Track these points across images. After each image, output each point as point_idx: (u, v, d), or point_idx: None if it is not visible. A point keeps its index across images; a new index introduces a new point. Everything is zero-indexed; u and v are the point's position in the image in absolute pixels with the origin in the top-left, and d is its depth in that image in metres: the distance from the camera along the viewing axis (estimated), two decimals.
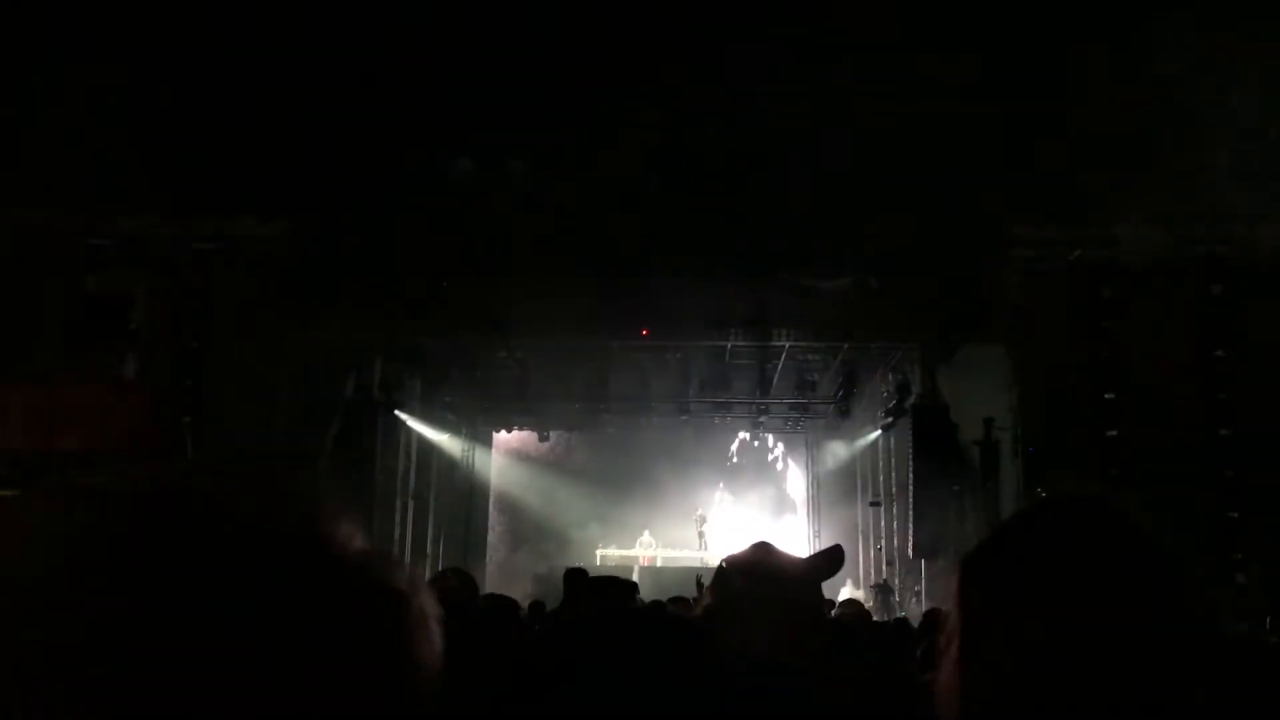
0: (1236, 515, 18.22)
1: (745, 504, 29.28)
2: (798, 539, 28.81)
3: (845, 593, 22.05)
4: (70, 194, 19.76)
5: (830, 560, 2.54)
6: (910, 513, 22.86)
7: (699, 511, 28.34)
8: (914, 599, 22.42)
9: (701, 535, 27.50)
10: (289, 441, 20.40)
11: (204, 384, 19.52)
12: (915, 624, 9.10)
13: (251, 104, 21.79)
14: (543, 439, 29.42)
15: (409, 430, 25.51)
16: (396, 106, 23.44)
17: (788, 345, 24.45)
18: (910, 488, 22.83)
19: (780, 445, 30.38)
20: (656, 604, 5.80)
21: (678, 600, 6.66)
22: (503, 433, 29.92)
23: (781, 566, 2.49)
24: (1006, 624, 1.24)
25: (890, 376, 25.04)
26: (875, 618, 17.78)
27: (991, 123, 21.62)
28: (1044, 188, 21.06)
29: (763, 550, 2.56)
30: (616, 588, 4.00)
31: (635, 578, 15.76)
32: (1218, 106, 19.11)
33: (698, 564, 24.13)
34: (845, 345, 24.22)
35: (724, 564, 2.55)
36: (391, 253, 21.88)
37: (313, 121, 21.67)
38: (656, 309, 22.05)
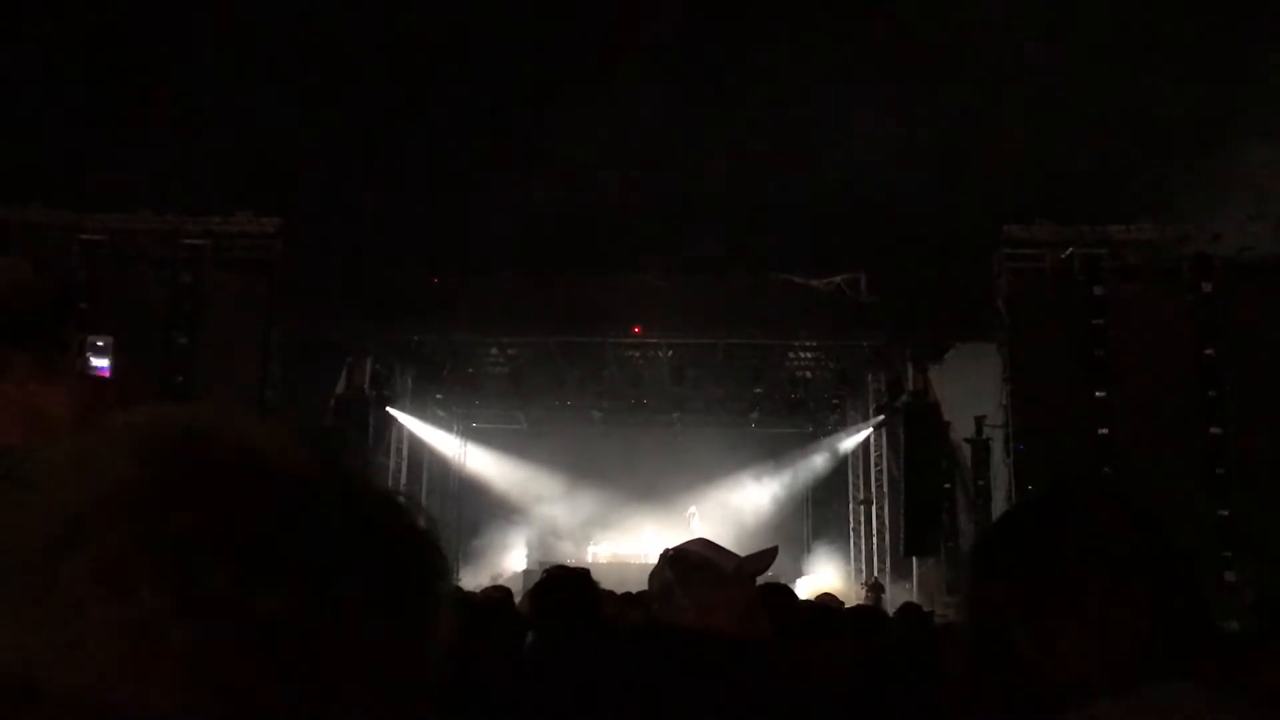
0: (1227, 513, 18.27)
1: (737, 501, 29.28)
2: (791, 536, 28.85)
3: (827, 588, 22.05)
4: (62, 189, 19.70)
5: (763, 558, 2.66)
6: (901, 510, 22.88)
7: (690, 509, 28.38)
8: (905, 596, 22.44)
9: (693, 533, 27.33)
10: None
11: (194, 380, 19.47)
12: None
13: (244, 102, 21.76)
14: (533, 436, 29.44)
15: (400, 427, 25.49)
16: (389, 106, 23.42)
17: (780, 344, 24.45)
18: (901, 486, 22.84)
19: (772, 443, 30.38)
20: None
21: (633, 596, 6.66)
22: (494, 429, 29.92)
23: (712, 559, 2.61)
24: (1023, 613, 1.25)
25: (882, 375, 25.07)
26: None
27: (984, 123, 21.67)
28: (1036, 187, 21.11)
29: (697, 544, 2.70)
30: (572, 585, 4.01)
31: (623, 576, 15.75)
32: (1208, 109, 19.17)
33: None
34: (837, 343, 24.23)
35: (662, 554, 2.69)
36: (383, 250, 21.87)
37: (306, 120, 21.64)
38: (650, 307, 22.05)
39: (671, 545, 2.74)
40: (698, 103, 23.28)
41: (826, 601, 7.32)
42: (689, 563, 2.60)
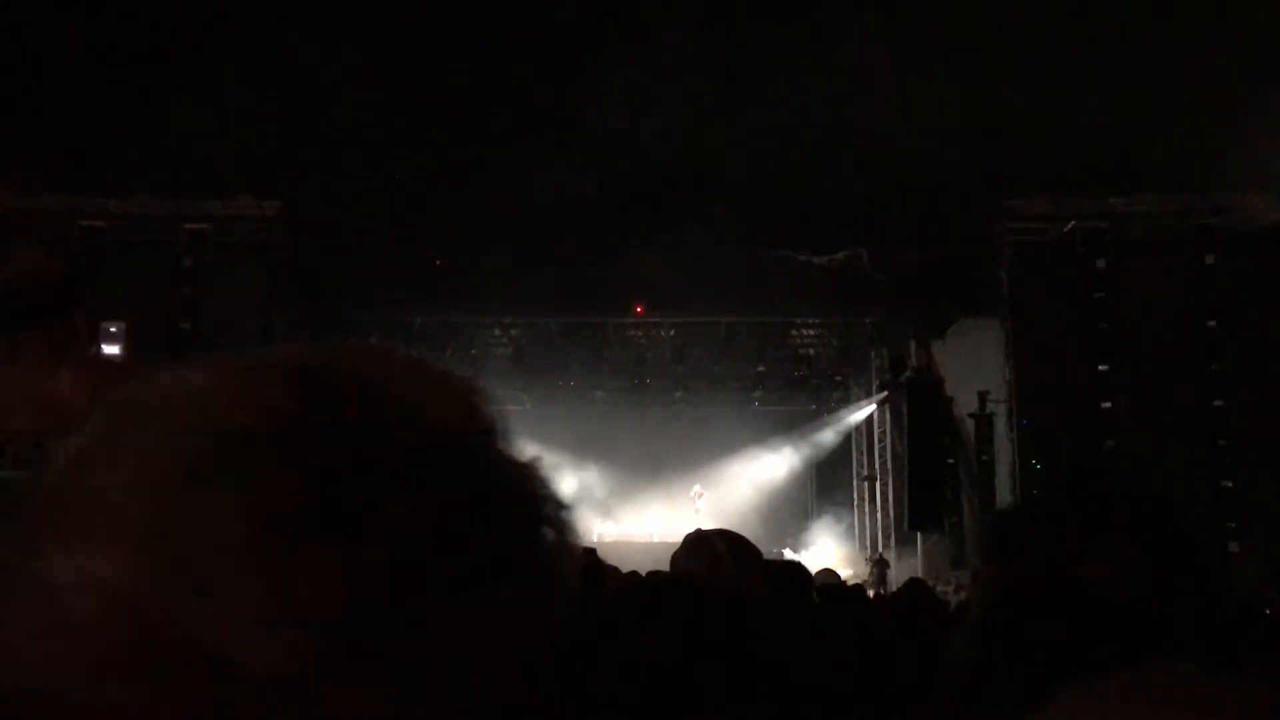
0: (1230, 485, 18.29)
1: (741, 480, 29.28)
2: (795, 513, 28.85)
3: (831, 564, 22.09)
4: (61, 174, 19.67)
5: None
6: (905, 486, 22.90)
7: (695, 487, 28.36)
8: (910, 571, 22.49)
9: (698, 512, 27.46)
10: None
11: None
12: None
13: (243, 86, 21.69)
14: (537, 417, 29.44)
15: None
16: (388, 87, 23.35)
17: (782, 321, 24.42)
18: (905, 461, 22.85)
19: (775, 421, 30.37)
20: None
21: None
22: (497, 410, 29.88)
23: (753, 543, 2.81)
24: (1029, 595, 1.25)
25: (884, 351, 25.05)
26: (871, 592, 17.92)
27: (986, 98, 21.59)
28: (1038, 161, 21.04)
29: (728, 530, 2.88)
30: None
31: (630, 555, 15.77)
32: (1209, 78, 19.08)
33: None
34: (839, 320, 24.21)
35: (698, 533, 2.78)
36: (384, 232, 21.85)
37: (304, 102, 21.58)
38: (651, 286, 22.03)
39: (688, 529, 2.83)
40: (698, 81, 23.21)
41: (827, 578, 7.34)
42: (738, 540, 2.76)
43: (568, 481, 29.03)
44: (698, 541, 2.72)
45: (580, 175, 22.39)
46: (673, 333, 24.97)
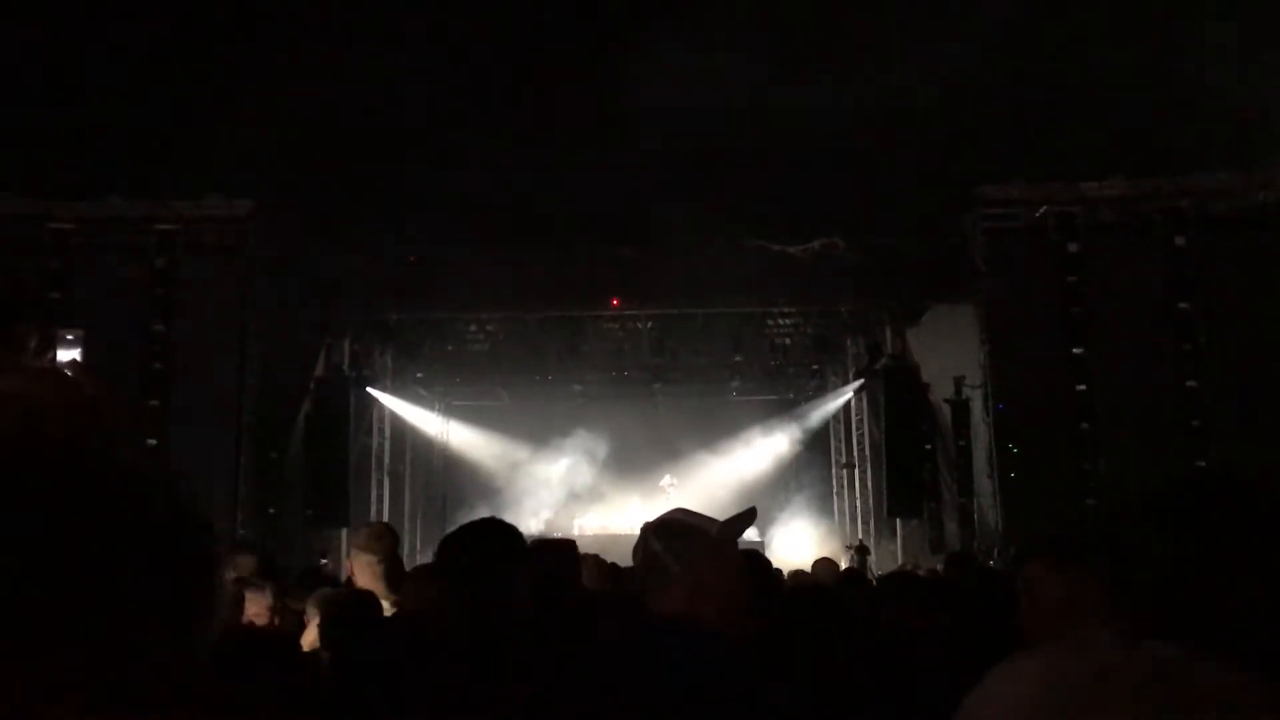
0: (1204, 465, 18.44)
1: (719, 470, 29.35)
2: (774, 502, 28.92)
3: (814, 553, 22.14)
4: (29, 178, 19.49)
5: (743, 520, 2.62)
6: (883, 473, 23.01)
7: (665, 478, 28.39)
8: (890, 557, 22.61)
9: (670, 502, 27.38)
10: (260, 422, 20.30)
11: (172, 367, 19.37)
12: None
13: (212, 85, 21.55)
14: (515, 411, 29.40)
15: (382, 406, 25.41)
16: (358, 83, 23.25)
17: (758, 311, 24.44)
18: (883, 448, 22.96)
19: (753, 411, 30.43)
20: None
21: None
22: (476, 405, 29.85)
23: (697, 526, 2.58)
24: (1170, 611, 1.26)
25: (860, 339, 25.14)
26: None
27: (957, 84, 21.66)
28: (1010, 147, 21.14)
29: (678, 512, 2.67)
30: (552, 553, 4.00)
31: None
32: (1176, 61, 19.21)
33: None
34: (815, 309, 24.26)
35: (644, 526, 2.65)
36: (358, 228, 21.76)
37: (274, 100, 21.43)
38: (627, 278, 22.01)
39: (651, 518, 2.70)
40: (670, 73, 23.19)
41: (825, 568, 7.32)
42: (673, 530, 2.57)
43: (548, 474, 29.06)
44: (640, 538, 2.62)
45: (553, 169, 22.36)
46: (650, 325, 24.95)
